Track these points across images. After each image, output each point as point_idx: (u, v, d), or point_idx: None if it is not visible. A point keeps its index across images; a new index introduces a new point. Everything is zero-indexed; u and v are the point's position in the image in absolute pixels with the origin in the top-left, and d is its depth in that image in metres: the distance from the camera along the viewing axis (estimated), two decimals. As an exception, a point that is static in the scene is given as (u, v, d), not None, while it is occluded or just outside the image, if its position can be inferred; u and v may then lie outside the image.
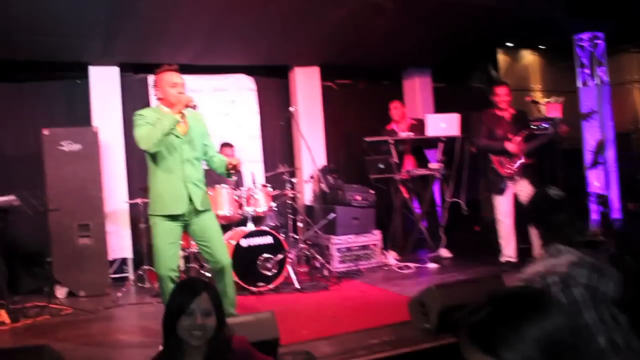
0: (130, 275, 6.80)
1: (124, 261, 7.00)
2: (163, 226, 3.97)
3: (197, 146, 4.09)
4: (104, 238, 6.32)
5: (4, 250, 5.90)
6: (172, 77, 4.01)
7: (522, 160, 6.17)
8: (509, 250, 6.33)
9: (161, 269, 3.95)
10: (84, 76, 7.08)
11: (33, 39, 6.10)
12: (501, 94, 6.32)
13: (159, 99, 4.10)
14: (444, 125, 7.03)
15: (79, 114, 7.07)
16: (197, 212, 4.04)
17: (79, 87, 7.17)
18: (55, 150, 6.16)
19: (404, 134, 7.31)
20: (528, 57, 11.30)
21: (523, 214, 5.90)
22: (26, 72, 6.95)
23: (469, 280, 4.73)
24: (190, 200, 3.99)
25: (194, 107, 3.98)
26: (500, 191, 6.27)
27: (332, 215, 6.69)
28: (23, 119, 6.89)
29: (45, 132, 6.16)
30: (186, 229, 4.13)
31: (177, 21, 6.24)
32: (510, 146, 6.16)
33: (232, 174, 4.31)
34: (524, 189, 6.16)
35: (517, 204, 6.27)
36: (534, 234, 6.27)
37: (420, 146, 7.52)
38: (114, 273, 6.88)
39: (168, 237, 3.98)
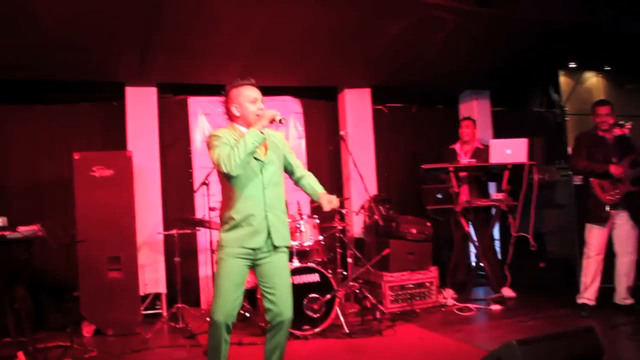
0: (164, 312, 6.26)
1: (156, 297, 6.46)
2: (232, 264, 3.41)
3: (279, 169, 3.59)
4: (135, 271, 5.80)
5: (30, 283, 5.46)
6: (252, 92, 3.49)
7: (628, 188, 5.43)
8: (590, 292, 5.57)
9: (219, 314, 3.34)
10: (120, 97, 6.69)
11: (67, 57, 5.70)
12: (602, 114, 5.62)
13: (232, 117, 3.57)
14: (509, 151, 6.35)
15: (114, 137, 6.66)
16: (272, 250, 3.49)
17: (115, 109, 6.76)
18: (86, 176, 5.71)
19: (465, 161, 6.64)
20: (592, 79, 10.46)
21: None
22: (60, 93, 6.61)
23: (557, 334, 3.96)
24: (269, 233, 3.44)
25: (280, 122, 3.41)
26: (602, 220, 5.51)
27: (386, 250, 6.01)
28: (56, 142, 6.51)
29: (76, 156, 5.73)
30: (254, 270, 3.55)
31: (219, 38, 5.76)
32: (615, 169, 5.43)
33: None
34: (623, 223, 5.45)
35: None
36: (622, 274, 5.54)
37: (482, 174, 6.81)
38: (146, 309, 6.36)
39: (235, 278, 3.41)
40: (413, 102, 8.48)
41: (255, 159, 3.43)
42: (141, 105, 6.67)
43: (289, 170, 3.72)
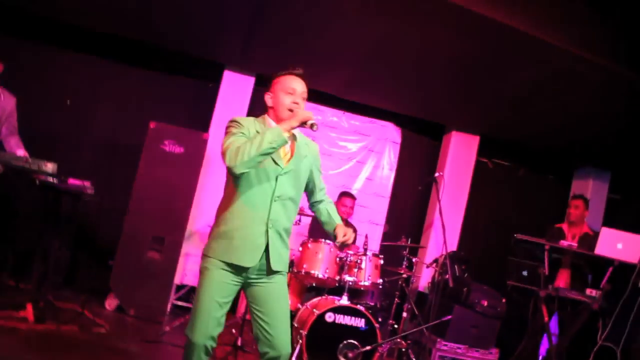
0: (194, 309, 5.84)
1: (193, 290, 6.04)
2: (218, 276, 2.78)
3: (299, 184, 2.97)
4: (176, 258, 5.42)
5: (69, 239, 5.23)
6: (293, 82, 2.90)
7: None
8: None
9: (197, 334, 2.72)
10: (217, 81, 6.41)
11: (172, 24, 5.48)
12: None
13: (268, 108, 3.00)
14: (620, 245, 5.41)
15: (198, 118, 6.38)
16: (268, 272, 2.86)
17: (208, 91, 6.49)
18: (155, 148, 5.43)
19: (566, 243, 5.77)
20: None
21: None
22: (158, 61, 6.40)
23: None
24: (267, 253, 2.84)
25: (312, 127, 2.76)
26: None
27: (449, 316, 5.26)
28: (140, 108, 6.29)
29: (152, 125, 5.46)
30: (244, 289, 2.93)
31: (327, 42, 5.32)
32: None
33: (342, 245, 3.14)
34: None
35: None
36: None
37: (585, 264, 5.91)
38: (179, 299, 5.96)
39: (219, 293, 2.78)
40: (522, 164, 7.68)
41: (275, 162, 2.82)
42: (235, 92, 6.37)
43: (309, 190, 3.11)
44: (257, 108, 6.51)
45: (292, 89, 2.88)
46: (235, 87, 6.37)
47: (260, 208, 2.80)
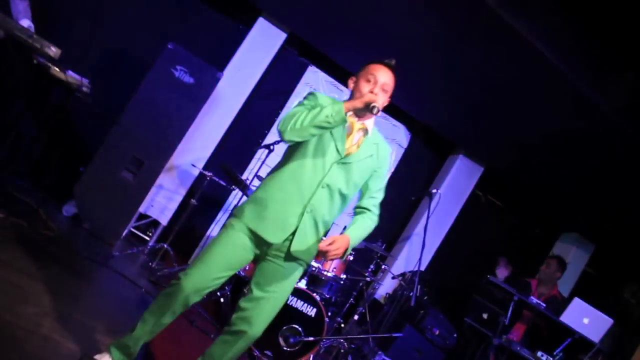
0: (150, 243, 5.60)
1: (154, 224, 5.80)
2: (238, 238, 2.62)
3: (354, 180, 2.71)
4: (149, 186, 5.15)
5: (49, 131, 4.95)
6: (378, 70, 2.67)
7: None
8: None
9: (189, 281, 2.55)
10: (249, 25, 6.11)
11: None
12: None
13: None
14: (587, 320, 5.30)
15: (217, 55, 6.04)
16: (287, 257, 2.67)
17: (236, 32, 6.18)
18: (165, 69, 5.14)
19: (535, 301, 5.63)
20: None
21: None
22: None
23: None
24: (293, 236, 2.62)
25: (371, 109, 2.50)
26: None
27: (399, 334, 5.11)
28: (167, 27, 5.93)
29: (170, 45, 5.16)
30: (257, 262, 2.75)
31: (376, 22, 5.06)
32: None
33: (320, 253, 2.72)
34: None
35: None
36: None
37: (544, 326, 5.80)
38: (136, 229, 5.72)
39: (232, 254, 2.62)
40: (513, 209, 7.53)
41: (336, 148, 2.63)
42: (263, 41, 6.08)
43: (361, 191, 2.83)
44: (278, 65, 6.25)
45: (373, 77, 2.66)
46: (264, 37, 6.08)
47: (304, 188, 2.61)
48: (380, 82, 2.65)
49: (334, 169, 2.63)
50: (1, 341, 2.42)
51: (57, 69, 4.15)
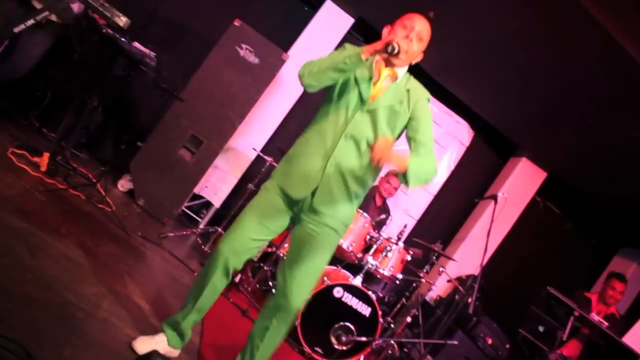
0: (202, 224, 5.47)
1: (206, 205, 5.66)
2: (270, 198, 2.49)
3: (382, 129, 2.44)
4: (206, 167, 4.98)
5: (110, 103, 4.83)
6: (414, 19, 2.44)
7: None
8: None
9: (225, 243, 2.45)
10: (316, 7, 5.90)
11: None
12: None
13: None
14: (652, 343, 4.97)
15: (282, 35, 5.84)
16: (318, 220, 2.46)
17: (303, 13, 5.97)
18: (230, 47, 4.96)
19: (597, 318, 5.32)
20: None
21: None
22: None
23: None
24: (314, 191, 2.42)
25: (390, 51, 2.26)
26: None
27: (453, 342, 4.87)
28: (233, 3, 5.77)
29: (237, 22, 4.99)
30: (294, 226, 2.58)
31: (452, 13, 4.76)
32: None
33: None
34: None
35: None
36: None
37: (604, 345, 5.47)
38: (189, 208, 5.59)
39: (265, 214, 2.48)
40: (572, 217, 7.17)
41: (360, 96, 2.41)
42: (330, 24, 5.88)
43: (410, 146, 2.50)
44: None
45: (409, 24, 2.43)
46: (331, 20, 5.87)
47: (327, 140, 2.42)
48: (416, 29, 2.42)
49: (358, 117, 2.41)
50: (63, 322, 2.28)
51: (124, 39, 4.01)
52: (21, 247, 2.59)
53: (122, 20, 3.74)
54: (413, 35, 2.41)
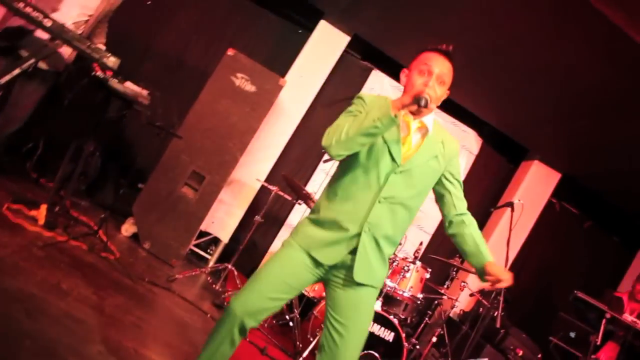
0: (211, 262, 5.32)
1: (214, 241, 5.52)
2: (295, 256, 2.30)
3: (417, 189, 2.33)
4: (210, 203, 4.83)
5: (107, 146, 4.72)
6: (432, 60, 2.27)
7: None
8: None
9: (239, 304, 2.24)
10: (309, 28, 5.79)
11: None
12: None
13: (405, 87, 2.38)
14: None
15: (278, 61, 5.75)
16: (351, 278, 2.29)
17: (297, 36, 5.87)
18: (225, 77, 4.85)
19: (630, 318, 5.10)
20: None
21: None
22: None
23: None
24: (351, 261, 2.27)
25: (421, 103, 2.11)
26: None
27: (484, 359, 4.67)
28: (224, 34, 5.71)
29: (230, 52, 4.88)
30: (325, 285, 2.41)
31: (446, 24, 4.66)
32: None
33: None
34: None
35: None
36: None
37: (639, 345, 5.25)
38: (196, 246, 5.45)
39: (290, 273, 2.29)
40: (590, 216, 6.95)
41: (391, 156, 2.24)
42: (325, 45, 5.79)
43: (443, 201, 2.41)
44: (341, 70, 5.90)
45: (427, 67, 2.25)
46: (326, 40, 5.78)
47: (359, 206, 2.25)
48: (435, 72, 2.24)
49: (392, 180, 2.25)
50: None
51: (115, 80, 3.90)
52: (18, 311, 2.45)
53: (112, 61, 3.62)
54: (433, 81, 2.24)
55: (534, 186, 6.41)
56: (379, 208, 2.24)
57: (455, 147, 2.41)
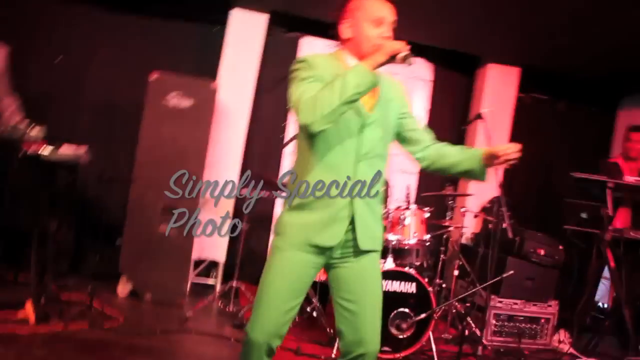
0: (217, 285, 5.23)
1: (213, 265, 5.41)
2: (293, 259, 2.15)
3: (388, 135, 2.28)
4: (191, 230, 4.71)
5: (71, 216, 4.56)
6: (380, 8, 2.18)
7: None
8: None
9: (259, 331, 2.12)
10: (223, 22, 5.61)
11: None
12: None
13: (342, 41, 2.27)
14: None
15: (207, 68, 5.58)
16: (356, 252, 2.21)
17: (214, 35, 5.69)
18: (159, 103, 4.70)
19: (632, 179, 5.08)
20: None
21: None
22: (156, 5, 5.57)
23: None
24: (352, 227, 2.18)
25: (405, 61, 2.06)
26: None
27: (509, 273, 4.65)
28: (143, 60, 5.45)
29: (153, 76, 4.70)
30: (326, 271, 2.30)
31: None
32: None
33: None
34: None
35: None
36: None
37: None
38: (199, 275, 5.36)
39: (294, 280, 2.16)
40: (561, 96, 6.87)
41: (356, 111, 2.15)
42: (245, 33, 5.58)
43: (408, 140, 2.35)
44: (271, 50, 5.74)
45: (380, 17, 2.15)
46: (245, 28, 5.59)
47: (342, 171, 2.15)
48: (388, 21, 2.16)
49: (365, 134, 2.16)
50: None
51: (49, 148, 3.71)
52: None
53: (36, 132, 3.46)
54: (387, 28, 2.16)
55: (498, 89, 6.32)
56: (361, 167, 2.16)
57: (401, 87, 2.37)
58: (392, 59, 2.02)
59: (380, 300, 2.23)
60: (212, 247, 5.34)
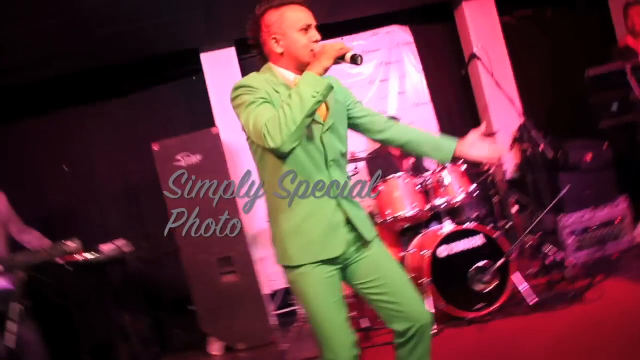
0: (299, 311, 5.26)
1: (287, 293, 5.44)
2: (316, 278, 2.13)
3: (344, 134, 2.29)
4: (253, 270, 4.79)
5: (137, 304, 4.66)
6: (301, 15, 2.14)
7: None
8: None
9: (339, 351, 2.12)
10: (199, 69, 5.70)
11: (118, 31, 4.72)
12: None
13: (269, 56, 2.24)
14: None
15: (201, 117, 5.71)
16: (365, 243, 2.23)
17: (196, 85, 5.80)
18: (170, 167, 4.75)
19: (647, 53, 4.95)
20: None
21: None
22: (133, 79, 5.72)
23: None
24: (351, 227, 2.19)
25: (355, 61, 2.04)
26: None
27: (564, 191, 4.56)
28: (140, 135, 5.58)
29: (155, 147, 4.80)
30: (345, 270, 2.27)
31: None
32: None
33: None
34: None
35: None
36: None
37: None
38: (280, 308, 5.42)
39: (329, 294, 2.15)
40: (546, 5, 6.73)
41: (315, 121, 2.13)
42: (221, 71, 5.67)
43: (364, 127, 2.38)
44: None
45: (305, 25, 2.12)
46: (220, 66, 5.68)
47: (317, 179, 2.16)
48: (312, 25, 2.15)
49: (326, 140, 2.17)
50: None
51: (89, 255, 3.79)
52: None
53: (73, 246, 3.52)
54: (314, 33, 2.15)
55: (481, 23, 6.21)
56: (332, 172, 2.17)
57: (339, 82, 2.35)
58: (338, 60, 2.02)
59: (400, 270, 2.26)
60: (280, 276, 5.37)
